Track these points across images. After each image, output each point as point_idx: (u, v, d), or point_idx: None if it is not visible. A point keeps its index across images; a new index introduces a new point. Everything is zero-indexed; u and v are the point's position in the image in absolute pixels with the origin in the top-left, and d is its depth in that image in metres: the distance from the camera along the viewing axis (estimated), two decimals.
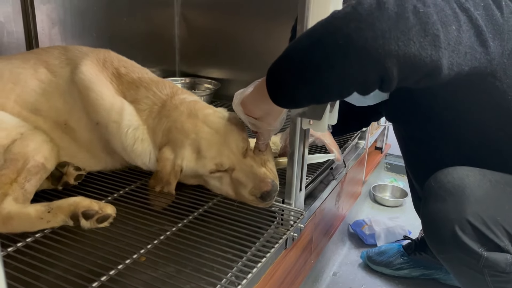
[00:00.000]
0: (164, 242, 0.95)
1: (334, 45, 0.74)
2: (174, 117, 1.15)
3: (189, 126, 1.12)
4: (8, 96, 1.15)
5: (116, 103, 1.18)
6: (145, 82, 1.23)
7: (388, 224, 1.82)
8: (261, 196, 1.07)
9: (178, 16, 2.34)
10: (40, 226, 0.95)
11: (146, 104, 1.20)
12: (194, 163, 1.10)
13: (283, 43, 2.17)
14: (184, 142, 1.11)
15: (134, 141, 1.16)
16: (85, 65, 1.20)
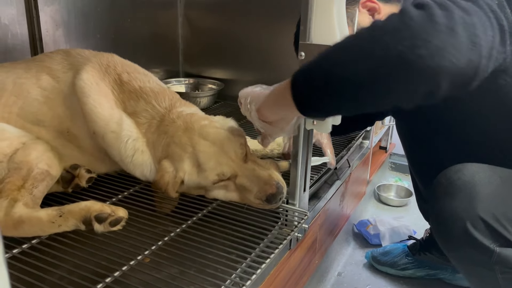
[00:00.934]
0: (168, 243, 0.96)
1: (384, 62, 0.71)
2: (172, 132, 1.15)
3: (186, 140, 1.12)
4: (11, 110, 1.17)
5: (115, 114, 1.18)
6: (145, 94, 1.23)
7: (393, 224, 1.81)
8: (266, 199, 1.06)
9: (181, 16, 2.35)
10: (52, 230, 0.96)
11: (145, 118, 1.20)
12: (196, 176, 1.10)
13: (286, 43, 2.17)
14: (182, 156, 1.10)
15: (134, 152, 1.16)
16: (86, 72, 1.20)
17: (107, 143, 1.17)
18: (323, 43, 0.92)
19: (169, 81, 2.28)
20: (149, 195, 1.16)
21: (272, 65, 2.16)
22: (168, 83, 2.24)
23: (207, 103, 2.15)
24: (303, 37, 0.94)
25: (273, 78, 2.22)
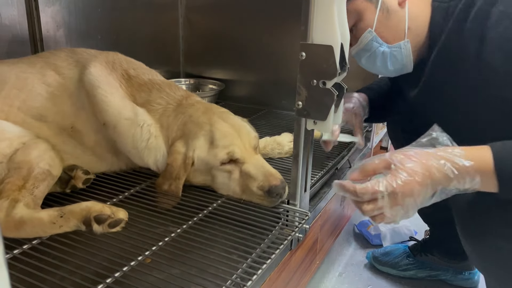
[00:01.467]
0: (169, 244, 0.96)
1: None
2: (190, 112, 1.19)
3: (205, 119, 1.16)
4: (12, 103, 1.16)
5: (127, 103, 1.20)
6: (157, 84, 1.25)
7: (394, 225, 1.80)
8: (268, 190, 1.07)
9: (182, 17, 2.35)
10: (53, 231, 0.95)
11: (159, 105, 1.22)
12: (206, 153, 1.12)
13: (286, 44, 2.18)
14: (198, 133, 1.13)
15: (150, 136, 1.18)
16: (94, 67, 1.21)
17: (120, 132, 1.18)
18: (324, 43, 0.92)
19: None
20: (150, 196, 1.15)
21: (273, 65, 2.16)
22: None
23: None
24: (304, 37, 0.94)
25: (274, 79, 2.25)
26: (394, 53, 1.14)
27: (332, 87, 0.95)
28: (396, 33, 1.12)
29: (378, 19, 1.11)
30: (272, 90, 2.19)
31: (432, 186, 0.78)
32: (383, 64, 1.17)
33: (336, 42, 0.92)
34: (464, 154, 0.79)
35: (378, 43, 1.14)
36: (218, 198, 1.15)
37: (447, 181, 0.78)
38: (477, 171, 0.77)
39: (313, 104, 0.98)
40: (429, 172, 0.78)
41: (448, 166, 0.77)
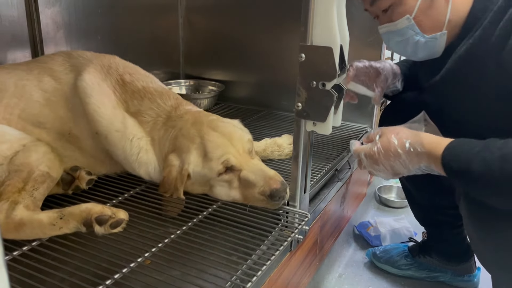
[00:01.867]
0: (169, 245, 0.96)
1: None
2: (180, 125, 1.17)
3: (194, 131, 1.14)
4: (12, 111, 1.17)
5: (118, 113, 1.19)
6: (149, 93, 1.24)
7: (394, 226, 1.81)
8: (270, 194, 1.07)
9: (182, 19, 2.35)
10: (53, 233, 0.96)
11: (150, 116, 1.21)
12: (201, 167, 1.11)
13: (286, 45, 2.18)
14: (190, 147, 1.12)
15: (139, 150, 1.17)
16: (88, 73, 1.21)
17: (111, 143, 1.17)
18: (324, 44, 0.92)
19: (169, 83, 2.28)
20: (150, 197, 1.15)
21: (272, 66, 2.16)
22: (168, 85, 2.25)
23: (207, 105, 2.15)
24: (304, 38, 0.94)
25: (273, 80, 2.25)
26: (428, 43, 1.12)
27: (331, 89, 0.95)
28: (435, 24, 1.09)
29: (420, 6, 1.08)
30: (272, 91, 2.19)
31: (399, 157, 0.98)
32: (413, 51, 1.16)
33: (336, 43, 0.92)
34: (423, 142, 0.96)
35: (414, 31, 1.11)
36: (218, 199, 1.15)
37: (407, 157, 0.97)
38: (428, 157, 0.95)
39: (312, 106, 0.98)
40: (400, 147, 0.98)
41: (408, 147, 0.97)
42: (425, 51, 1.15)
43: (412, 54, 1.19)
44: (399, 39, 1.15)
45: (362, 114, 1.95)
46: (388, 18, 1.14)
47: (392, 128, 1.03)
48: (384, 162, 1.00)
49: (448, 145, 0.93)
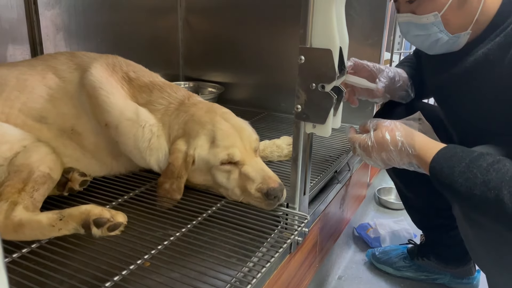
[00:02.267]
0: (168, 247, 0.95)
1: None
2: (192, 111, 1.19)
3: (207, 118, 1.16)
4: (13, 105, 1.16)
5: (129, 103, 1.20)
6: (158, 85, 1.26)
7: (393, 227, 1.81)
8: (267, 192, 1.07)
9: (181, 20, 2.35)
10: (52, 234, 0.95)
11: (161, 104, 1.22)
12: (207, 152, 1.12)
13: (285, 47, 2.18)
14: (199, 132, 1.14)
15: (151, 136, 1.18)
16: (95, 68, 1.22)
17: (122, 132, 1.17)
18: (323, 46, 0.93)
19: None
20: (149, 199, 1.15)
21: (272, 68, 2.17)
22: None
23: None
24: (303, 41, 0.94)
25: (273, 82, 2.25)
26: (450, 41, 1.11)
27: (331, 91, 0.95)
28: (462, 23, 1.08)
29: (451, 5, 1.05)
30: (271, 93, 2.20)
31: (391, 153, 1.01)
32: (431, 46, 1.14)
33: (335, 45, 0.92)
34: (414, 145, 0.99)
35: (438, 29, 1.09)
36: (217, 201, 1.15)
37: (399, 155, 1.01)
38: (418, 160, 0.99)
39: (312, 108, 0.98)
40: (392, 144, 1.00)
41: (400, 146, 1.00)
42: (443, 48, 1.14)
43: (428, 48, 1.17)
44: (419, 33, 1.13)
45: (361, 116, 1.95)
46: (410, 9, 1.11)
47: (388, 123, 1.05)
48: (376, 155, 1.04)
49: (436, 156, 0.95)
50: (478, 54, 1.07)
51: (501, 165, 0.86)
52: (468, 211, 1.00)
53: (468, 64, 1.10)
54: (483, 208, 0.88)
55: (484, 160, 0.89)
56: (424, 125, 1.12)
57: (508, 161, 0.87)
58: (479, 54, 1.07)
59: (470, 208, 0.95)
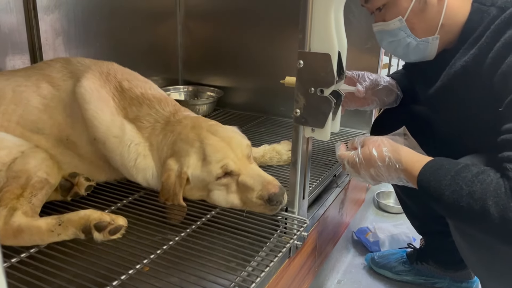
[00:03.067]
0: (167, 252, 0.95)
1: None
2: (179, 130, 1.17)
3: (194, 135, 1.14)
4: (10, 118, 1.17)
5: (116, 120, 1.19)
6: (147, 99, 1.24)
7: (393, 231, 1.81)
8: (268, 199, 1.07)
9: (181, 25, 2.36)
10: (51, 239, 0.95)
11: (148, 122, 1.21)
12: (200, 170, 1.11)
13: (284, 51, 2.19)
14: (189, 150, 1.12)
15: (137, 156, 1.17)
16: (87, 79, 1.21)
17: (109, 149, 1.17)
18: (322, 51, 0.93)
19: (168, 89, 2.28)
20: (148, 204, 1.15)
21: (271, 72, 2.17)
22: (167, 91, 2.25)
23: (206, 111, 2.15)
24: (302, 45, 0.95)
25: (272, 86, 2.25)
26: (420, 46, 1.13)
27: (329, 95, 0.95)
28: (427, 27, 1.10)
29: (413, 9, 1.09)
30: (270, 97, 2.20)
31: (379, 169, 1.02)
32: (404, 53, 1.17)
33: (334, 50, 0.92)
34: (401, 159, 1.00)
35: (405, 33, 1.12)
36: (216, 206, 1.15)
37: (387, 170, 1.01)
38: (406, 175, 1.00)
39: (311, 112, 0.98)
40: (379, 160, 1.01)
41: (387, 161, 1.01)
42: (417, 54, 1.16)
43: (403, 55, 1.21)
44: (391, 39, 1.16)
45: (360, 120, 1.96)
46: (381, 17, 1.15)
47: (375, 139, 1.06)
48: (365, 172, 1.04)
49: (423, 170, 0.96)
50: (456, 66, 1.09)
51: (485, 175, 0.87)
52: (457, 223, 1.01)
53: (449, 76, 1.12)
54: (470, 220, 0.89)
55: (469, 172, 0.89)
56: (410, 140, 1.13)
57: (493, 171, 0.88)
58: (458, 66, 1.08)
59: (458, 220, 0.96)
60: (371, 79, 1.38)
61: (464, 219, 0.90)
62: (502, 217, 0.81)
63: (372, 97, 1.39)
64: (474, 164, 0.92)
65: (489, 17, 1.02)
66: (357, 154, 1.05)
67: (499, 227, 0.82)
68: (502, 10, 1.00)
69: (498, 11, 1.01)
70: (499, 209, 0.82)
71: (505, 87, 0.92)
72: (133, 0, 2.06)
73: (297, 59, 0.96)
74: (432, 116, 1.29)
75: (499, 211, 0.82)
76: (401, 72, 1.50)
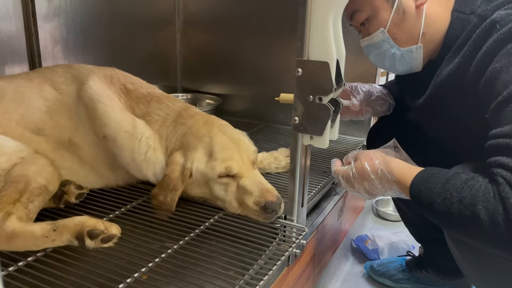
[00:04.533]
0: (166, 260, 0.95)
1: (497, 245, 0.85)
2: (190, 124, 1.19)
3: (204, 131, 1.16)
4: (10, 117, 1.16)
5: (126, 115, 1.20)
6: (156, 97, 1.26)
7: (392, 239, 1.80)
8: (265, 206, 1.07)
9: (179, 33, 2.37)
10: (45, 245, 0.95)
11: (159, 116, 1.22)
12: (205, 165, 1.12)
13: (282, 59, 2.19)
14: (197, 145, 1.13)
15: (148, 149, 1.18)
16: (93, 81, 1.22)
17: (119, 144, 1.18)
18: (320, 59, 0.93)
19: None
20: (147, 211, 1.15)
21: (269, 80, 2.18)
22: None
23: None
24: (300, 53, 0.95)
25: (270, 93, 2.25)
26: (405, 56, 1.15)
27: (328, 103, 0.95)
28: (409, 37, 1.12)
29: (393, 20, 1.11)
30: (269, 105, 2.19)
31: (372, 182, 1.02)
32: (391, 64, 1.19)
33: (332, 58, 0.93)
34: (392, 171, 1.00)
35: (389, 44, 1.14)
36: (215, 213, 1.15)
37: (380, 182, 1.01)
38: (398, 186, 0.99)
39: (309, 120, 0.99)
40: (372, 172, 1.01)
41: (380, 173, 1.01)
42: (403, 65, 1.18)
43: (390, 67, 1.22)
44: (377, 52, 1.18)
45: (359, 127, 1.96)
46: (366, 32, 1.17)
47: (367, 152, 1.07)
48: (359, 185, 1.05)
49: (414, 180, 0.96)
50: (442, 75, 1.10)
51: (474, 181, 0.87)
52: (450, 231, 1.01)
53: (436, 85, 1.13)
54: (461, 226, 0.89)
55: (458, 179, 0.90)
56: (401, 152, 1.14)
57: (481, 177, 0.88)
58: (444, 75, 1.10)
59: (451, 228, 0.96)
60: (364, 91, 1.41)
61: (456, 226, 0.90)
62: (492, 221, 0.82)
63: (366, 107, 1.42)
64: (464, 172, 0.93)
65: (470, 25, 1.04)
66: (350, 169, 1.06)
67: (490, 232, 0.83)
68: (482, 19, 1.01)
69: (479, 20, 1.02)
70: (489, 213, 0.82)
71: (490, 94, 0.93)
72: (132, 8, 2.07)
73: (295, 67, 0.96)
74: (424, 125, 1.31)
75: (488, 215, 0.82)
76: (393, 81, 1.52)
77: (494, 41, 0.95)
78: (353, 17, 1.18)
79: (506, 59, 0.91)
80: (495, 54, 0.94)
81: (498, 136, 0.88)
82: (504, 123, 0.87)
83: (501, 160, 0.85)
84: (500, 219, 0.81)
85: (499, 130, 0.88)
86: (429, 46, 1.13)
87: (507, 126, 0.86)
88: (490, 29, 0.97)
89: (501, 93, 0.89)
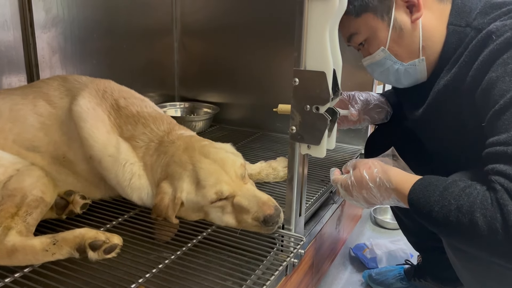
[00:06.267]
0: (163, 271, 0.95)
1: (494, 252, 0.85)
2: (172, 152, 1.16)
3: (186, 158, 1.13)
4: (7, 136, 1.17)
5: (112, 138, 1.20)
6: (143, 118, 1.25)
7: (390, 248, 1.80)
8: (264, 220, 1.06)
9: (177, 42, 2.38)
10: (45, 259, 0.94)
11: (143, 141, 1.21)
12: (194, 194, 1.10)
13: (280, 67, 2.20)
14: (182, 174, 1.11)
15: (132, 176, 1.17)
16: (83, 98, 1.21)
17: (104, 167, 1.17)
18: (317, 69, 0.94)
19: (164, 105, 2.29)
20: (144, 221, 1.15)
21: (266, 88, 2.18)
22: (163, 107, 2.26)
23: (202, 127, 2.15)
24: (297, 63, 0.96)
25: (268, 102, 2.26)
26: (409, 70, 1.16)
27: (325, 112, 0.96)
28: (410, 51, 1.14)
29: (391, 37, 1.12)
30: (266, 113, 2.20)
31: (371, 190, 1.02)
32: (396, 79, 1.20)
33: (329, 68, 0.93)
34: (391, 179, 1.00)
35: (392, 61, 1.15)
36: (212, 223, 1.14)
37: (378, 191, 1.01)
38: (396, 194, 1.00)
39: (306, 129, 0.99)
40: (371, 181, 1.02)
41: (378, 181, 1.01)
42: (408, 78, 1.19)
43: (396, 82, 1.23)
44: (381, 70, 1.20)
45: (356, 136, 1.97)
46: (367, 52, 1.19)
47: (365, 161, 1.07)
48: (357, 194, 1.05)
49: (412, 188, 0.96)
50: (440, 85, 1.12)
51: (472, 189, 0.88)
52: (449, 240, 1.01)
53: (434, 95, 1.15)
54: (460, 234, 0.89)
55: (456, 187, 0.90)
56: (399, 161, 1.15)
57: (479, 185, 0.89)
58: (441, 85, 1.11)
59: (449, 236, 0.96)
60: (362, 100, 1.41)
61: (454, 234, 0.90)
62: (490, 228, 0.82)
63: (364, 116, 1.42)
64: (462, 179, 0.93)
65: (467, 38, 1.06)
66: (349, 177, 1.06)
67: (488, 239, 0.83)
68: (478, 31, 1.03)
69: (475, 32, 1.04)
70: (487, 220, 0.82)
71: (486, 103, 0.94)
72: (130, 18, 2.08)
73: (292, 77, 0.96)
74: (422, 134, 1.31)
75: (487, 222, 0.82)
76: (390, 90, 1.53)
77: (490, 52, 0.96)
78: (351, 39, 1.19)
79: (502, 69, 0.92)
80: (492, 64, 0.95)
81: (495, 144, 0.88)
82: (501, 131, 0.88)
83: (499, 167, 0.85)
84: (499, 226, 0.81)
85: (496, 138, 0.88)
86: (431, 58, 1.14)
87: (504, 134, 0.87)
88: (486, 40, 0.99)
89: (497, 102, 0.90)
